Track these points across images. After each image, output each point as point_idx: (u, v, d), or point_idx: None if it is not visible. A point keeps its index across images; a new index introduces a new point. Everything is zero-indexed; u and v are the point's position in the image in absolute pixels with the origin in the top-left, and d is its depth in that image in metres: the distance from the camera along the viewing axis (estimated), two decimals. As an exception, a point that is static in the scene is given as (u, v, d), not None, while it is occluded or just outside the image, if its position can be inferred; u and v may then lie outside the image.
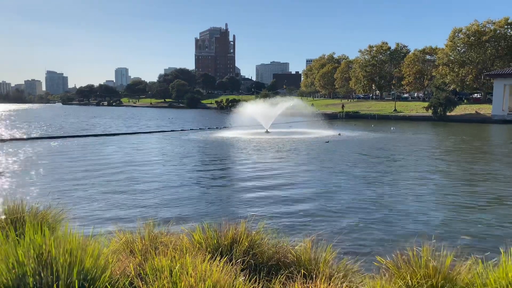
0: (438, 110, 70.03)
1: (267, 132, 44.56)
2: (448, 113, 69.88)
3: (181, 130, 50.85)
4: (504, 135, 46.29)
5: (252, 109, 49.91)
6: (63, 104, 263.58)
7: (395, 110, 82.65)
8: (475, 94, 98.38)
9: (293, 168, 22.01)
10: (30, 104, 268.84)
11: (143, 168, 21.82)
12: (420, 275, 4.15)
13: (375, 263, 4.89)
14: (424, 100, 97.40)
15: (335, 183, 17.82)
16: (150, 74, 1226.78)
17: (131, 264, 4.29)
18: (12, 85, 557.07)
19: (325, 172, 20.77)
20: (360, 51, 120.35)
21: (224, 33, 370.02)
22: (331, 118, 73.66)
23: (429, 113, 71.81)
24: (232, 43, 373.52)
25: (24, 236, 4.01)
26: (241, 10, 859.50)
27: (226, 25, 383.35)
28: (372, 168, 22.11)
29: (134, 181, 18.20)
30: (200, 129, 52.44)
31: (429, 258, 4.24)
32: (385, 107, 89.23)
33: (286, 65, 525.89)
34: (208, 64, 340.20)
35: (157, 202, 14.27)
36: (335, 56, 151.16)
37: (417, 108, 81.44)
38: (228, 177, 20.29)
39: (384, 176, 19.71)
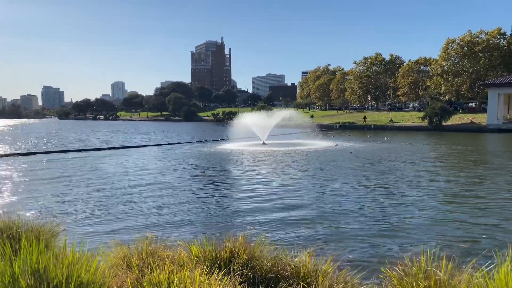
0: (434, 120, 70.45)
1: (264, 144, 44.55)
2: (443, 123, 70.31)
3: (177, 143, 50.79)
4: (499, 143, 46.55)
5: (249, 121, 49.98)
6: (59, 118, 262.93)
7: (391, 120, 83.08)
8: (470, 104, 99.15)
9: (292, 180, 21.96)
10: (26, 119, 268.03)
11: (139, 182, 21.71)
12: (422, 286, 4.13)
13: (377, 275, 4.86)
14: (419, 110, 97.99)
15: (335, 194, 17.76)
16: (146, 87, 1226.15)
17: (128, 279, 4.25)
18: (8, 100, 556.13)
19: (324, 184, 20.74)
20: (355, 62, 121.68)
21: (220, 47, 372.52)
22: (327, 129, 73.91)
23: (425, 123, 72.23)
24: (228, 56, 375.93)
25: (20, 252, 3.96)
26: (236, 24, 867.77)
27: (222, 38, 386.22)
28: (372, 178, 22.10)
29: (130, 195, 18.09)
30: (196, 141, 52.38)
31: (431, 268, 4.22)
32: (381, 117, 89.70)
33: (282, 77, 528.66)
34: (204, 77, 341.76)
35: (154, 216, 14.17)
36: (330, 68, 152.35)
37: (413, 118, 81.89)
38: (226, 190, 20.20)
39: (383, 186, 19.69)
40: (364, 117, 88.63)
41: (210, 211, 15.03)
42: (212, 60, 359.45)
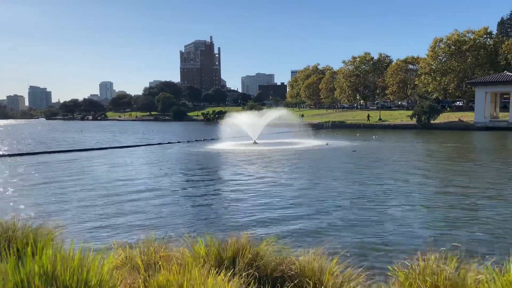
0: (422, 119, 71.14)
1: (255, 143, 44.52)
2: (432, 121, 71.05)
3: (167, 142, 50.49)
4: (487, 141, 47.19)
5: (239, 120, 49.90)
6: (46, 119, 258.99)
7: (380, 119, 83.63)
8: (458, 102, 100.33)
9: (290, 179, 21.95)
10: (13, 119, 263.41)
11: (134, 183, 21.52)
12: (428, 283, 4.15)
13: (384, 273, 4.87)
14: (408, 109, 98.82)
15: (337, 193, 17.70)
16: (135, 87, 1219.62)
17: (139, 280, 4.19)
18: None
19: (324, 183, 20.74)
20: (344, 62, 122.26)
21: (209, 46, 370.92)
22: (317, 128, 74.14)
23: (413, 121, 72.90)
24: (217, 55, 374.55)
25: (25, 256, 3.88)
26: (225, 23, 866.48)
27: (211, 37, 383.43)
28: (371, 178, 22.20)
29: (125, 197, 17.90)
30: (187, 141, 52.10)
31: (438, 266, 4.24)
32: (370, 116, 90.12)
33: (271, 76, 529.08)
34: (193, 77, 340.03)
35: (153, 216, 14.07)
36: (320, 67, 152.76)
37: (401, 117, 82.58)
38: (222, 190, 20.10)
39: (383, 187, 19.75)
40: (368, 116, 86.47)
41: (209, 210, 14.96)
42: (201, 60, 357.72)
